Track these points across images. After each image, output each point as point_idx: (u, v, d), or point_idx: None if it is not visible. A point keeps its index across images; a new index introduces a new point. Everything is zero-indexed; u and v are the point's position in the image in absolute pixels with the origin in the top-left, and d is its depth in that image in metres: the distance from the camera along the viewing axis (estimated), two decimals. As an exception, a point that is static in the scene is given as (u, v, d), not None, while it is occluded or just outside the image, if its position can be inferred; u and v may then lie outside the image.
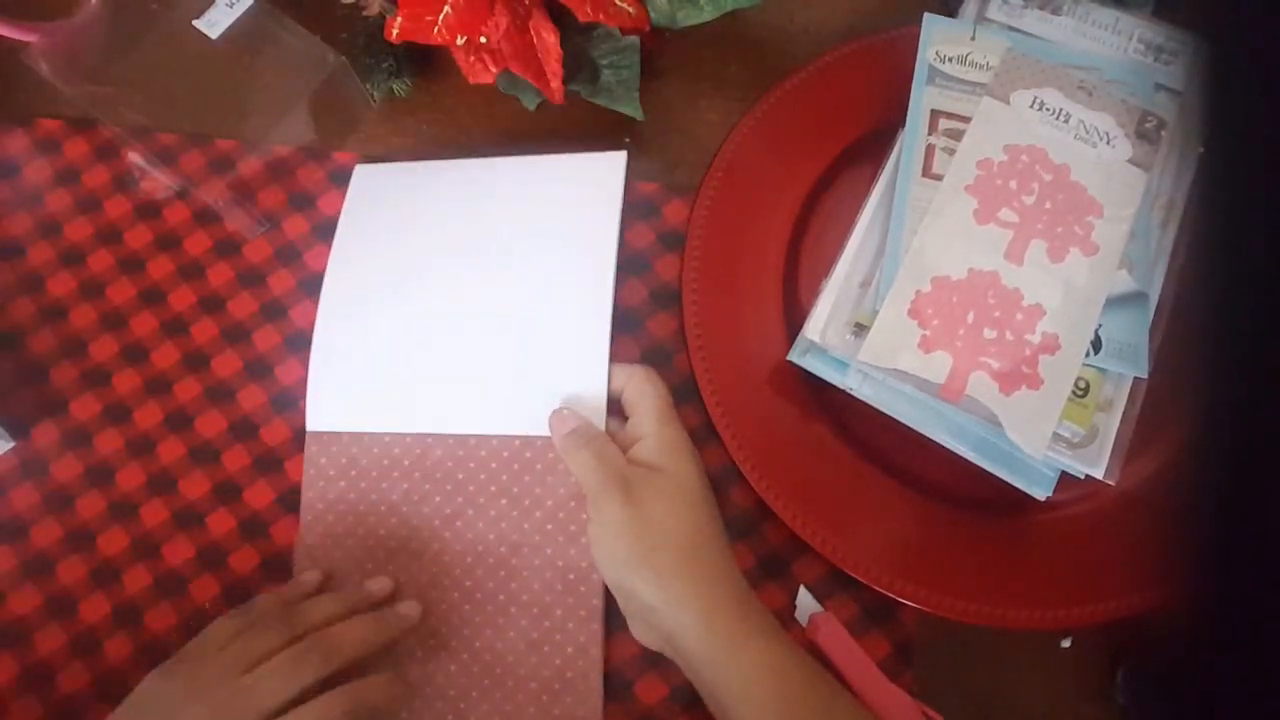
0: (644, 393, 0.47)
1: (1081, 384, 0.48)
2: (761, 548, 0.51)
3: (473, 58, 0.54)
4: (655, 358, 0.54)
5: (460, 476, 0.51)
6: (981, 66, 0.54)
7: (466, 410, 0.51)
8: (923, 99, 0.53)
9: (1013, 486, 0.48)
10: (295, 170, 0.59)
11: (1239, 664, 0.25)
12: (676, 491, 0.44)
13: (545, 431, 0.49)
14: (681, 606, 0.41)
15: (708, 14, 0.55)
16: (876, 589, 0.48)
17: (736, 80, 0.60)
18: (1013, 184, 0.51)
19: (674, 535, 0.43)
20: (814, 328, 0.50)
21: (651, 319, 0.55)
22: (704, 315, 0.52)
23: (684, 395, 0.51)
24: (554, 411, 0.49)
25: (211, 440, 0.53)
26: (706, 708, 0.43)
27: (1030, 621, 0.47)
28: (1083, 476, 0.48)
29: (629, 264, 0.56)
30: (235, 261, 0.57)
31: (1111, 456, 0.47)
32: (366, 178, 0.57)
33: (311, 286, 0.56)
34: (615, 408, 0.50)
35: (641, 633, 0.45)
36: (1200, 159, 0.52)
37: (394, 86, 0.59)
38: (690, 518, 0.44)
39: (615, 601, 0.46)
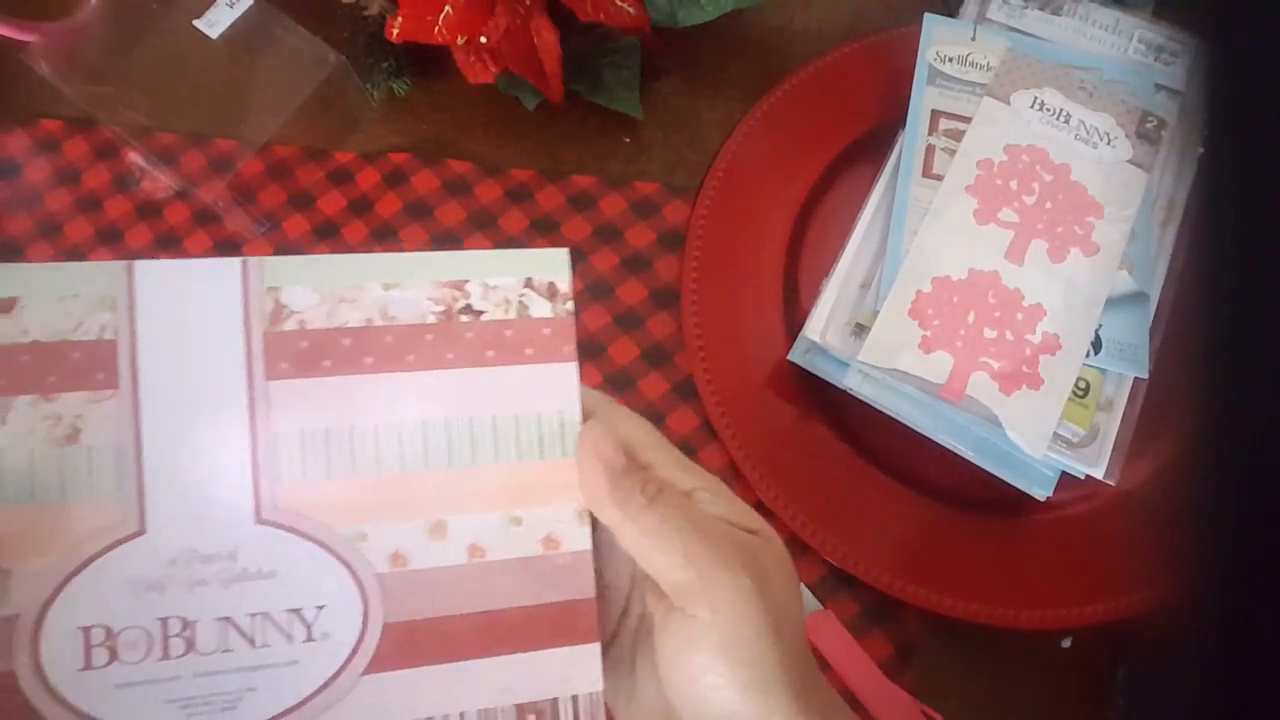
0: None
1: (1082, 384, 0.48)
2: (761, 548, 0.51)
3: (473, 58, 0.54)
4: (655, 357, 0.54)
5: None
6: (982, 67, 0.54)
7: None
8: (923, 99, 0.53)
9: (1013, 486, 0.48)
10: (295, 170, 0.59)
11: (1239, 664, 0.25)
12: (785, 560, 0.31)
13: None
14: (771, 711, 0.28)
15: (708, 14, 0.55)
16: (877, 589, 0.48)
17: (736, 80, 0.60)
18: (1013, 184, 0.51)
19: (795, 621, 0.30)
20: (814, 328, 0.50)
21: (651, 319, 0.55)
22: (704, 315, 0.52)
23: (684, 395, 0.51)
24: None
25: (211, 440, 0.53)
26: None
27: (1030, 621, 0.47)
28: (1083, 476, 0.48)
29: (629, 264, 0.56)
30: (235, 261, 0.57)
31: (1111, 456, 0.47)
32: None
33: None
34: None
35: None
36: (1200, 159, 0.52)
37: (394, 86, 0.59)
38: (796, 593, 0.31)
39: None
